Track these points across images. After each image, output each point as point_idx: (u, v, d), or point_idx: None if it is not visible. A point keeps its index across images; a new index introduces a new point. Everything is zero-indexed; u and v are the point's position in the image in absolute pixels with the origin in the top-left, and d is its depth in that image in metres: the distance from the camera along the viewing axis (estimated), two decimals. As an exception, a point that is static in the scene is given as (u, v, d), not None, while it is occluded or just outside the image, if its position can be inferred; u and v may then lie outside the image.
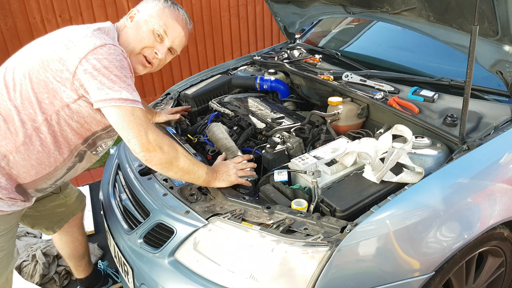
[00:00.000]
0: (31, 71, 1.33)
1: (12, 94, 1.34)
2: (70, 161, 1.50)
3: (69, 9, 4.01)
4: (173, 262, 1.48)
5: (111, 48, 1.31)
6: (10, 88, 1.35)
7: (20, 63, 1.37)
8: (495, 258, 1.71)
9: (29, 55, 1.37)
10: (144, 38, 1.48)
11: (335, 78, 2.18)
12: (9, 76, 1.36)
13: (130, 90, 1.30)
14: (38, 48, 1.37)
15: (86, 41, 1.30)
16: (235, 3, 4.95)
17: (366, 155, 1.54)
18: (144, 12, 1.49)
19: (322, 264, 1.28)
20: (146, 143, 1.32)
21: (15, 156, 1.37)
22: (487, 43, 1.64)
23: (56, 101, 1.35)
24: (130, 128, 1.30)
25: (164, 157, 1.37)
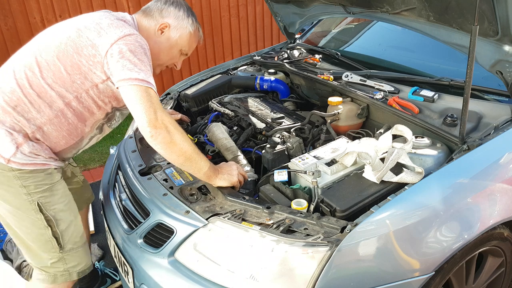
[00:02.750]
0: (65, 55, 1.48)
1: (45, 73, 1.49)
2: (92, 132, 1.69)
3: (69, 9, 4.00)
4: (173, 262, 1.48)
5: (138, 37, 1.49)
6: (43, 68, 1.49)
7: (48, 46, 1.51)
8: (495, 258, 1.71)
9: (59, 40, 1.50)
10: (174, 57, 1.74)
11: (335, 78, 2.18)
12: (40, 58, 1.50)
13: (148, 74, 1.44)
14: (69, 33, 1.50)
15: (117, 29, 1.47)
16: (235, 3, 4.95)
17: (366, 155, 1.54)
18: (176, 32, 1.67)
19: (322, 264, 1.28)
20: (154, 120, 1.40)
21: (48, 128, 1.53)
22: (487, 43, 1.64)
23: (87, 81, 1.51)
24: (141, 104, 1.40)
25: (168, 136, 1.43)
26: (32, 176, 1.51)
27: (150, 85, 1.43)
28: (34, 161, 1.51)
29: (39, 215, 1.55)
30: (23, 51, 1.57)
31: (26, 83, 1.49)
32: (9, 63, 1.56)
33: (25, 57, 1.53)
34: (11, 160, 1.47)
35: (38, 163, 1.52)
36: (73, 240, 1.65)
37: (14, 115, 1.48)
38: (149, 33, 1.64)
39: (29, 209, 1.54)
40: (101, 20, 1.52)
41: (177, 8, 1.67)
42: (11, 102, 1.48)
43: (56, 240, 1.60)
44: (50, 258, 1.62)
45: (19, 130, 1.49)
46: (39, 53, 1.51)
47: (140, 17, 1.67)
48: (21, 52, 1.57)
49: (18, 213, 1.55)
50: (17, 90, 1.48)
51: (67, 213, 1.63)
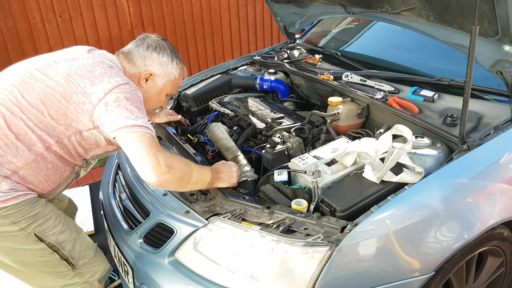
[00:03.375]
0: (51, 99, 1.42)
1: (27, 115, 1.41)
2: (70, 178, 1.61)
3: (69, 9, 4.00)
4: (173, 262, 1.48)
5: (132, 86, 1.46)
6: (25, 109, 1.41)
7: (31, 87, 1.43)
8: (495, 258, 1.71)
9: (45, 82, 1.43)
10: (162, 101, 1.73)
11: (335, 78, 2.18)
12: (21, 98, 1.42)
13: (145, 120, 1.42)
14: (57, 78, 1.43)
15: (111, 78, 1.43)
16: (235, 3, 4.95)
17: (366, 155, 1.54)
18: (161, 79, 1.65)
19: (322, 264, 1.28)
20: (157, 166, 1.36)
21: (24, 172, 1.44)
22: (487, 43, 1.64)
23: (71, 128, 1.46)
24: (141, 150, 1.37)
25: (175, 176, 1.41)
26: (18, 211, 1.42)
27: (148, 130, 1.39)
28: (16, 194, 1.41)
29: (40, 244, 1.48)
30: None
31: (3, 124, 1.39)
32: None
33: (2, 94, 1.43)
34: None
35: (20, 194, 1.42)
36: (83, 254, 1.60)
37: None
38: (133, 81, 1.58)
39: (27, 243, 1.46)
40: (93, 67, 1.45)
41: (161, 53, 1.62)
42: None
43: (66, 261, 1.55)
44: (65, 278, 1.58)
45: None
46: (19, 93, 1.42)
47: (123, 61, 1.61)
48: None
49: (15, 251, 1.47)
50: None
51: (68, 232, 1.56)
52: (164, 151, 1.43)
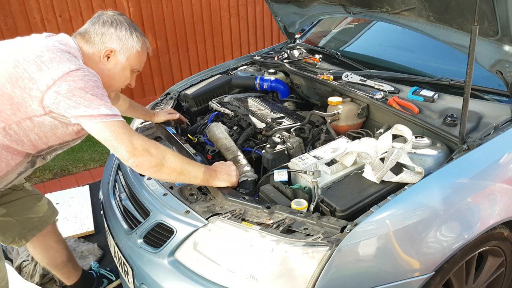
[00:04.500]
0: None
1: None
2: (22, 167, 1.53)
3: (69, 9, 4.00)
4: (173, 262, 1.48)
5: (85, 71, 1.39)
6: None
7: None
8: (495, 258, 1.71)
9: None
10: (127, 78, 1.63)
11: (335, 78, 2.18)
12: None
13: (108, 106, 1.37)
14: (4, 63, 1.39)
15: (61, 64, 1.36)
16: (235, 3, 4.95)
17: (366, 155, 1.54)
18: (123, 55, 1.56)
19: (322, 264, 1.28)
20: (132, 149, 1.37)
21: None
22: (487, 43, 1.64)
23: (19, 113, 1.39)
24: (114, 139, 1.36)
25: (153, 160, 1.41)
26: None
27: (114, 117, 1.37)
28: None
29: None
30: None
31: None
32: None
33: None
34: None
35: None
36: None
37: None
38: (94, 61, 1.53)
39: None
40: (42, 53, 1.38)
41: (118, 28, 1.54)
42: None
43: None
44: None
45: None
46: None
47: (81, 42, 1.54)
48: None
49: None
50: None
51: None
52: (139, 135, 1.42)
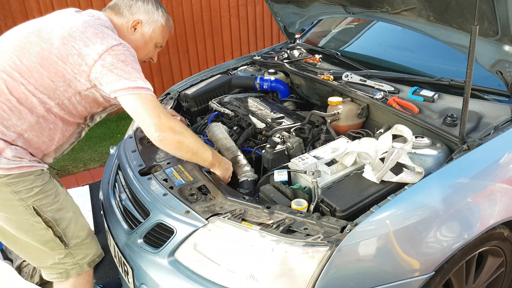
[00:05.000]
0: (48, 62, 1.46)
1: (27, 80, 1.45)
2: (73, 137, 1.68)
3: (69, 9, 4.00)
4: (173, 262, 1.48)
5: (125, 46, 1.51)
6: (24, 74, 1.45)
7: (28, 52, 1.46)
8: (495, 258, 1.71)
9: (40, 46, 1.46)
10: (150, 51, 1.76)
11: (335, 78, 2.18)
12: (20, 63, 1.46)
13: (144, 79, 1.49)
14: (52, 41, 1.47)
15: (104, 40, 1.47)
16: (235, 3, 4.95)
17: (366, 155, 1.54)
18: (148, 27, 1.68)
19: (322, 264, 1.28)
20: (160, 124, 1.47)
21: (29, 134, 1.50)
22: (487, 43, 1.64)
23: (70, 89, 1.51)
24: (144, 111, 1.46)
25: (176, 137, 1.52)
26: (21, 181, 1.47)
27: (149, 91, 1.48)
28: (20, 164, 1.47)
29: (37, 218, 1.52)
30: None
31: (5, 89, 1.44)
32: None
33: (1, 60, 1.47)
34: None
35: (24, 165, 1.48)
36: (76, 235, 1.63)
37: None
38: (122, 32, 1.64)
39: (25, 213, 1.51)
40: (85, 28, 1.48)
41: (145, 1, 1.67)
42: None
43: (59, 239, 1.58)
44: (56, 255, 1.61)
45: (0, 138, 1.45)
46: (18, 58, 1.46)
47: (111, 15, 1.65)
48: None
49: (14, 219, 1.52)
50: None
51: (65, 211, 1.61)
52: (166, 111, 1.54)
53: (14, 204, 1.49)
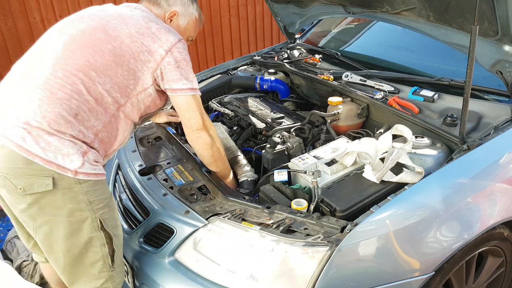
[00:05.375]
0: (121, 59, 1.43)
1: (103, 79, 1.41)
2: (128, 138, 1.64)
3: (69, 9, 4.00)
4: (173, 262, 1.48)
5: (184, 43, 1.55)
6: (100, 72, 1.41)
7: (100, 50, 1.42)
8: (495, 258, 1.71)
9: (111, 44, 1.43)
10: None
11: (335, 78, 2.18)
12: (94, 61, 1.40)
13: (196, 80, 1.56)
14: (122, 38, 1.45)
15: (168, 35, 1.50)
16: (235, 3, 4.94)
17: (366, 155, 1.54)
18: (184, 19, 1.69)
19: (322, 264, 1.28)
20: (201, 124, 1.56)
21: (102, 135, 1.44)
22: (487, 43, 1.64)
23: (138, 86, 1.50)
24: (193, 111, 1.54)
25: (209, 139, 1.60)
26: (95, 190, 1.37)
27: (199, 92, 1.56)
28: (96, 171, 1.37)
29: (99, 233, 1.39)
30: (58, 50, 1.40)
31: (83, 89, 1.37)
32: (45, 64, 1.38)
33: (71, 59, 1.39)
34: (78, 171, 1.32)
35: (99, 173, 1.39)
36: (119, 255, 1.51)
37: (75, 125, 1.34)
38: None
39: (89, 227, 1.38)
40: (147, 24, 1.50)
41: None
42: (70, 110, 1.34)
43: (111, 258, 1.45)
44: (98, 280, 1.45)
45: (81, 139, 1.36)
46: (91, 57, 1.40)
47: (149, 6, 1.63)
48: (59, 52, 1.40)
49: (75, 233, 1.37)
50: (74, 96, 1.35)
51: (119, 227, 1.50)
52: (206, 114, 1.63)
53: (83, 216, 1.36)
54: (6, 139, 1.28)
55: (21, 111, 1.31)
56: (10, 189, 1.30)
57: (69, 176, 1.30)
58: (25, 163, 1.27)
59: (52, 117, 1.31)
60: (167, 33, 1.50)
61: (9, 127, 1.29)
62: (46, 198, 1.31)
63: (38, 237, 1.38)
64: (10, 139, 1.27)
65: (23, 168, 1.27)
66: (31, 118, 1.29)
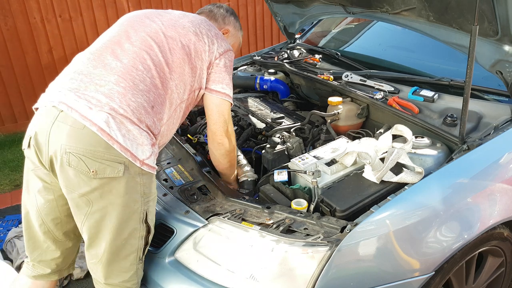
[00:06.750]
0: (189, 57, 1.51)
1: (174, 74, 1.48)
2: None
3: (69, 9, 4.00)
4: (173, 262, 1.48)
5: (232, 53, 1.66)
6: (172, 68, 1.47)
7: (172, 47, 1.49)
8: (495, 258, 1.71)
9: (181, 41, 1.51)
10: None
11: (335, 78, 2.18)
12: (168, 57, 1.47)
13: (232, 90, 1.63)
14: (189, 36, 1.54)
15: (223, 41, 1.61)
16: (235, 3, 4.94)
17: (366, 155, 1.54)
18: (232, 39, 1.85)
19: (322, 264, 1.28)
20: (226, 131, 1.63)
21: (164, 128, 1.49)
22: (487, 43, 1.64)
23: (196, 84, 1.57)
24: (223, 116, 1.61)
25: (229, 146, 1.66)
26: (150, 183, 1.40)
27: (232, 100, 1.63)
28: (155, 165, 1.41)
29: (142, 225, 1.41)
30: (136, 46, 1.45)
31: (159, 83, 1.43)
32: (124, 55, 1.42)
33: (149, 54, 1.44)
34: (145, 162, 1.34)
35: (156, 167, 1.42)
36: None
37: (152, 115, 1.39)
38: None
39: (136, 218, 1.38)
40: (209, 27, 1.60)
41: (236, 19, 1.85)
42: (149, 101, 1.38)
43: (142, 251, 1.45)
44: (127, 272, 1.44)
45: (152, 131, 1.40)
46: (165, 53, 1.47)
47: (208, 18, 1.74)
48: (137, 47, 1.45)
49: (124, 223, 1.36)
50: (152, 89, 1.40)
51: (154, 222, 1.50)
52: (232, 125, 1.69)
53: (135, 207, 1.37)
54: (90, 121, 1.28)
55: (105, 96, 1.33)
56: (81, 171, 1.28)
57: (137, 166, 1.33)
58: (105, 147, 1.28)
59: (136, 106, 1.35)
60: (223, 39, 1.62)
61: (93, 111, 1.30)
62: (111, 184, 1.31)
63: (88, 223, 1.36)
64: (94, 121, 1.28)
65: (101, 151, 1.28)
66: (117, 105, 1.32)
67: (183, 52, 1.50)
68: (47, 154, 1.31)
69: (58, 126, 1.29)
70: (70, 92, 1.33)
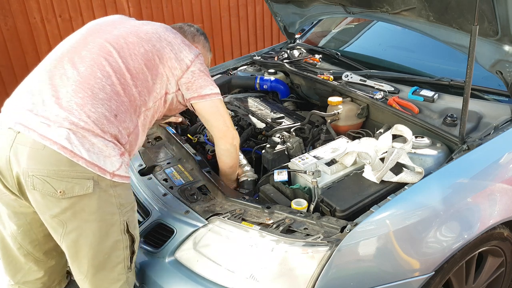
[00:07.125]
0: (152, 64, 1.47)
1: (135, 81, 1.43)
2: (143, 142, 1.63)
3: (69, 9, 4.00)
4: (173, 262, 1.48)
5: (202, 55, 1.63)
6: (133, 75, 1.43)
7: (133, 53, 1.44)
8: (495, 258, 1.71)
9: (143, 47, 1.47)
10: None
11: (335, 78, 2.18)
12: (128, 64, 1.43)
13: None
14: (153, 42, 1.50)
15: (191, 47, 1.58)
16: (235, 3, 4.94)
17: (366, 155, 1.54)
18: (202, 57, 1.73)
19: (322, 264, 1.28)
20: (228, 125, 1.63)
21: (132, 137, 1.43)
22: (487, 43, 1.64)
23: (163, 90, 1.53)
24: (223, 115, 1.62)
25: (236, 140, 1.68)
26: (125, 193, 1.36)
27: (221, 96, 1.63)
28: (127, 174, 1.36)
29: (124, 235, 1.37)
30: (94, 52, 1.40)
31: (120, 90, 1.37)
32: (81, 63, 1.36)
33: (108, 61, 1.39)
34: (115, 173, 1.30)
35: (128, 176, 1.37)
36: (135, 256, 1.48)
37: (116, 124, 1.33)
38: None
39: (117, 230, 1.35)
40: (175, 35, 1.58)
41: (205, 39, 1.84)
42: (111, 110, 1.33)
43: (130, 260, 1.42)
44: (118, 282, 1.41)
45: (119, 141, 1.35)
46: (125, 59, 1.42)
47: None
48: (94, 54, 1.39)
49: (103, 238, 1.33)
50: (113, 97, 1.35)
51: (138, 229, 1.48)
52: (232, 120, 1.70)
53: (113, 220, 1.33)
54: (50, 140, 1.22)
55: (64, 110, 1.26)
56: (47, 193, 1.23)
57: (107, 179, 1.28)
58: (70, 165, 1.22)
59: (97, 117, 1.29)
60: (190, 46, 1.59)
61: (51, 128, 1.23)
62: (82, 202, 1.26)
63: (65, 243, 1.32)
64: (54, 140, 1.22)
65: (66, 170, 1.22)
66: (77, 119, 1.26)
67: (145, 58, 1.45)
68: (13, 179, 1.26)
69: (17, 148, 1.23)
70: (25, 110, 1.27)
